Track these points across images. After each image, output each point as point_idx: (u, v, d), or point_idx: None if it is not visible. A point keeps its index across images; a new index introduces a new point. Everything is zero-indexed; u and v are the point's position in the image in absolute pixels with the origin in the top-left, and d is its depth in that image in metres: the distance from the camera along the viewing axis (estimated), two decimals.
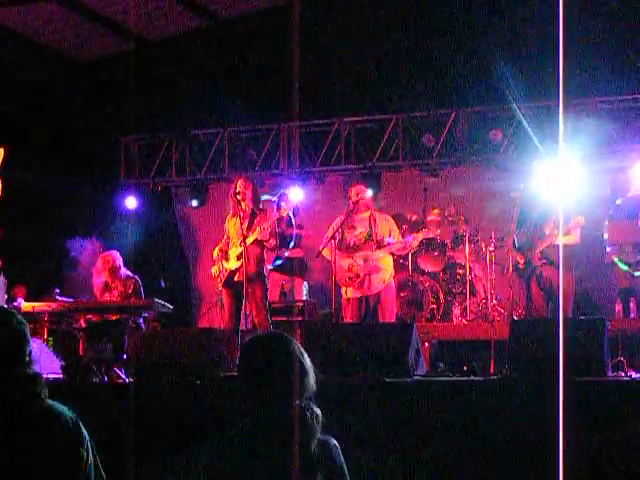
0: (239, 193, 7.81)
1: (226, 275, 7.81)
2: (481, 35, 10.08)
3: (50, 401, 2.85)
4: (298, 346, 2.91)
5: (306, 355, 2.90)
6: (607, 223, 8.57)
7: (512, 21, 9.94)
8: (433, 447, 5.41)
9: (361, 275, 8.02)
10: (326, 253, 8.19)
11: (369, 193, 8.39)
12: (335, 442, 2.87)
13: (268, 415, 2.77)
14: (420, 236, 8.35)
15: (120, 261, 9.17)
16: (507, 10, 9.88)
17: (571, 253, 7.78)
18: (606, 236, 8.52)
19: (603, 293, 9.38)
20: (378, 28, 10.59)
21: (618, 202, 8.74)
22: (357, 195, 8.22)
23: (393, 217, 8.71)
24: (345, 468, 2.86)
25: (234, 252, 7.80)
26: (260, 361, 2.85)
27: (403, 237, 8.34)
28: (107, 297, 9.02)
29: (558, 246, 7.62)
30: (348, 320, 8.02)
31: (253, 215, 7.83)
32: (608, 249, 8.66)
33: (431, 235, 8.73)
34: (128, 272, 9.20)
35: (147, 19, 11.23)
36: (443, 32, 10.31)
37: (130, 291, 9.01)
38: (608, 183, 9.37)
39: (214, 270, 7.98)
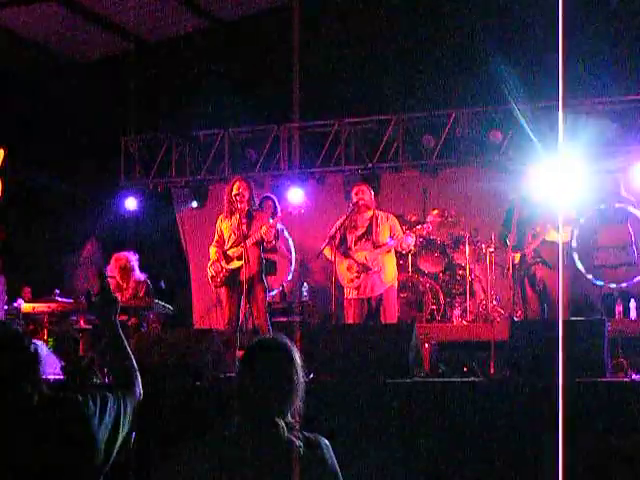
0: (239, 195, 7.79)
1: (226, 275, 7.79)
2: (481, 35, 10.08)
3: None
4: (295, 359, 2.85)
5: (300, 367, 2.85)
6: (602, 225, 8.64)
7: (512, 21, 9.93)
8: (433, 448, 5.41)
9: (362, 276, 8.02)
10: (327, 253, 8.19)
11: (370, 193, 8.37)
12: (326, 441, 2.78)
13: (252, 430, 2.74)
14: (414, 235, 8.33)
15: (135, 263, 9.05)
16: (507, 10, 9.87)
17: (563, 252, 7.79)
18: (600, 238, 8.61)
19: (594, 294, 9.39)
20: (378, 28, 10.58)
21: (617, 206, 8.80)
22: (357, 195, 8.22)
23: None
24: (337, 467, 2.78)
25: (233, 253, 7.78)
26: (251, 373, 2.80)
27: None
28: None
29: (551, 245, 7.61)
30: (349, 321, 8.01)
31: (250, 216, 7.82)
32: (600, 250, 8.73)
33: (425, 232, 8.71)
34: (141, 275, 9.09)
35: (147, 19, 11.23)
36: (443, 32, 10.30)
37: (142, 295, 8.93)
38: (607, 184, 9.36)
39: (211, 270, 7.94)
